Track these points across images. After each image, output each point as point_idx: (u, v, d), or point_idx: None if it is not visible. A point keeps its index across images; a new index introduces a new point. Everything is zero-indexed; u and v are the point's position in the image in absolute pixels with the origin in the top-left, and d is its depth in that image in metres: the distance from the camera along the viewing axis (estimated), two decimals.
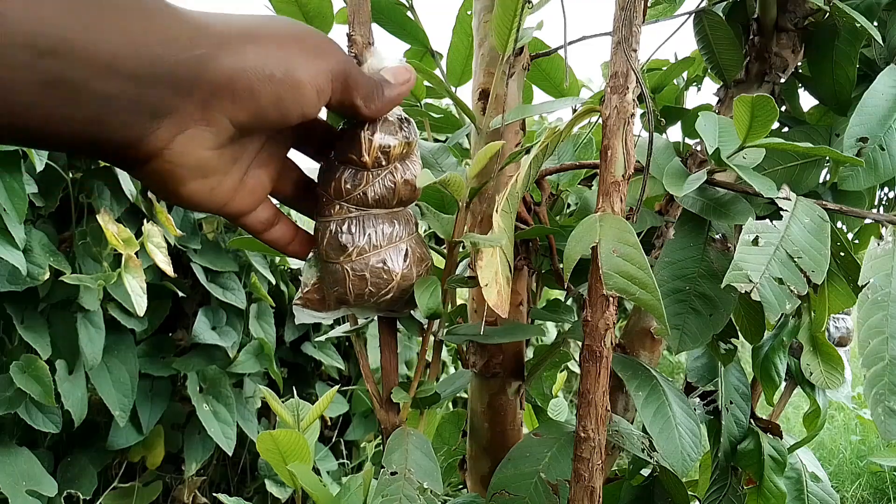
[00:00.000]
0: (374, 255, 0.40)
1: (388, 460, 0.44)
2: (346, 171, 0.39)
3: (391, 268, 0.40)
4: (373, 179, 0.39)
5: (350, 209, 0.40)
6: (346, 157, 0.39)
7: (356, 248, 0.40)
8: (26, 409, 1.21)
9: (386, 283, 0.41)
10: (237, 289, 1.63)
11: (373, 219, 0.40)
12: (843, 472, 2.68)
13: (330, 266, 0.41)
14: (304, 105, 0.32)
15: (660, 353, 0.70)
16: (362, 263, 0.40)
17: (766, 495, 0.68)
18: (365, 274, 0.40)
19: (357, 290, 0.40)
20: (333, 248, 0.40)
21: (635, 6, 0.44)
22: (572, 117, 0.50)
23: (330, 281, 0.41)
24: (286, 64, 0.31)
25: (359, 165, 0.39)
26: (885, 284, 0.47)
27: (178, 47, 0.28)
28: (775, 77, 0.65)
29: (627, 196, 0.45)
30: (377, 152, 0.38)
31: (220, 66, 0.29)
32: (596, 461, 0.44)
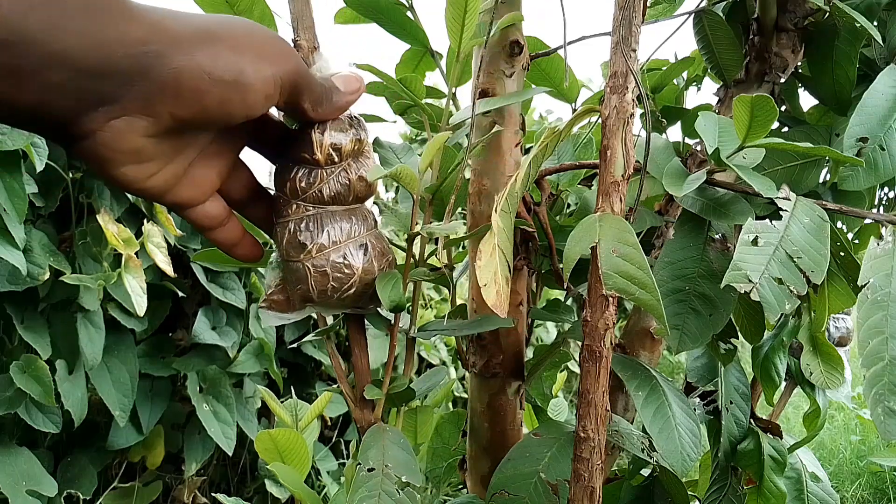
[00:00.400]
0: (333, 251, 0.41)
1: (365, 457, 0.44)
2: (301, 170, 0.40)
3: (352, 263, 0.41)
4: (327, 177, 0.40)
5: (307, 207, 0.40)
6: (300, 157, 0.40)
7: (315, 244, 0.40)
8: (26, 409, 1.21)
9: (348, 277, 0.41)
10: (237, 289, 1.63)
11: (330, 216, 0.41)
12: (843, 472, 2.68)
13: (291, 265, 0.41)
14: (249, 107, 0.33)
15: (660, 353, 0.70)
16: (323, 260, 0.40)
17: (766, 495, 0.68)
18: (326, 270, 0.41)
19: (320, 287, 0.41)
20: (293, 247, 0.40)
21: (635, 6, 0.44)
22: (572, 117, 0.50)
23: (292, 280, 0.42)
24: (235, 66, 0.32)
25: (312, 164, 0.40)
26: (885, 284, 0.47)
27: (129, 44, 0.29)
28: (775, 77, 0.65)
29: (627, 196, 0.45)
30: (329, 150, 0.39)
31: (167, 65, 0.30)
32: (596, 461, 0.44)
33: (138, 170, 0.33)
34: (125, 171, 0.33)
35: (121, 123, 0.30)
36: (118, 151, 0.31)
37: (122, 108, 0.30)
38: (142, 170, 0.33)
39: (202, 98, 0.31)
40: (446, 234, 0.43)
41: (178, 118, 0.31)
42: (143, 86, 0.30)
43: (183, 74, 0.30)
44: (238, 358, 1.62)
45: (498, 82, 0.63)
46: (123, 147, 0.31)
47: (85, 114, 0.30)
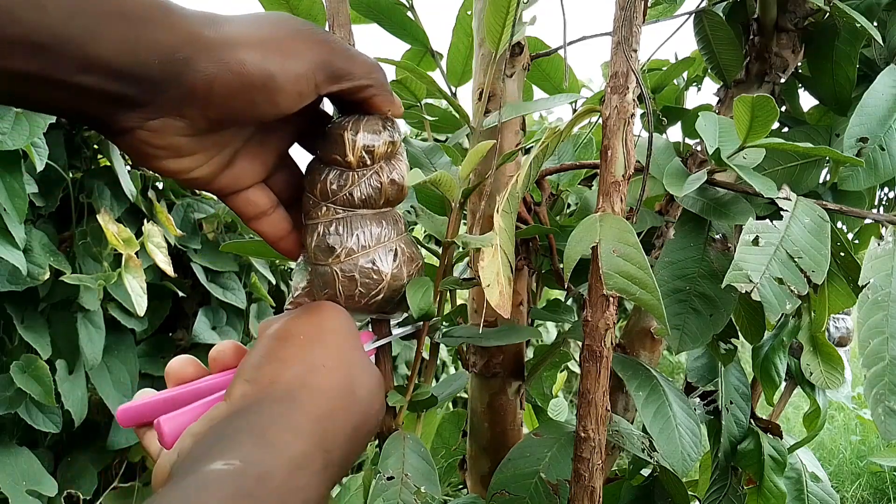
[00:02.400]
0: (362, 255, 0.40)
1: (385, 465, 0.44)
2: (332, 171, 0.39)
3: (381, 268, 0.40)
4: (358, 180, 0.39)
5: (337, 210, 0.39)
6: (331, 158, 0.39)
7: (344, 248, 0.39)
8: (26, 409, 1.21)
9: (376, 283, 0.40)
10: (237, 289, 1.63)
11: (360, 219, 0.40)
12: (843, 472, 2.68)
13: (319, 268, 0.40)
14: (279, 107, 0.34)
15: (660, 353, 0.70)
16: (351, 264, 0.39)
17: (766, 495, 0.68)
18: (354, 275, 0.40)
19: (347, 292, 0.40)
20: (322, 250, 0.40)
21: (635, 6, 0.44)
22: (572, 117, 0.50)
23: (319, 284, 0.41)
24: (264, 69, 0.32)
25: (343, 166, 0.39)
26: (886, 284, 0.47)
27: (162, 51, 0.30)
28: (775, 77, 0.65)
29: (627, 196, 0.45)
30: (361, 152, 0.38)
31: (197, 70, 0.31)
32: (596, 461, 0.44)
33: (180, 163, 0.34)
34: (167, 164, 0.34)
35: (157, 123, 0.31)
36: (157, 147, 0.32)
37: (155, 110, 0.31)
38: (184, 163, 0.34)
39: (232, 101, 0.32)
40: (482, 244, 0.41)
41: (211, 120, 0.32)
42: (175, 91, 0.31)
43: (212, 79, 0.31)
44: None
45: (498, 82, 0.63)
46: (162, 144, 0.32)
47: (122, 113, 0.31)
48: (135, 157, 0.33)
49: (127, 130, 0.31)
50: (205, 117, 0.32)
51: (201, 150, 0.34)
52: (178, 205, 1.56)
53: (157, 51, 0.29)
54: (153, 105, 0.31)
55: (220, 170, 0.36)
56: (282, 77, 0.33)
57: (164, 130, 0.32)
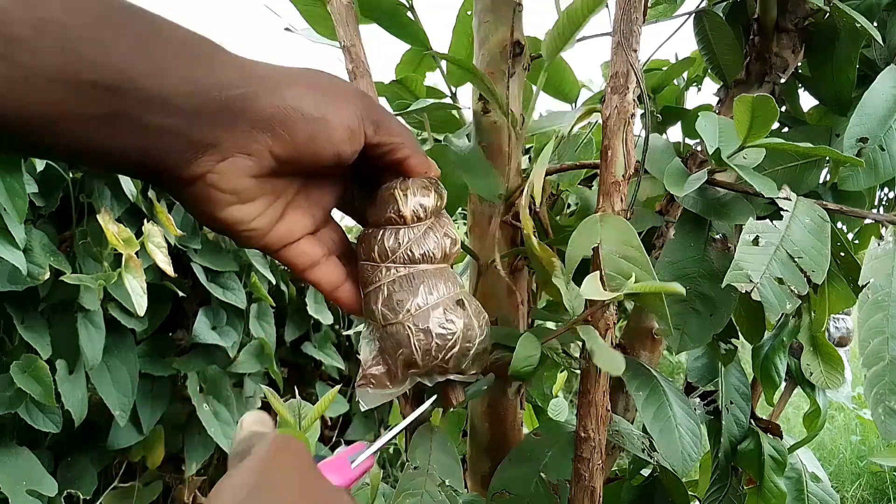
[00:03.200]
0: (433, 308, 0.39)
1: (413, 456, 0.45)
2: (387, 231, 0.40)
3: (453, 318, 0.39)
4: (415, 236, 0.39)
5: (398, 268, 0.39)
6: (385, 218, 0.39)
7: (413, 303, 0.39)
8: (26, 409, 1.21)
9: (451, 334, 0.39)
10: (237, 289, 1.63)
11: (422, 274, 0.40)
12: (843, 472, 2.68)
13: (390, 329, 0.39)
14: (336, 143, 0.35)
15: (660, 353, 0.70)
16: (423, 317, 0.39)
17: (766, 495, 0.68)
18: (429, 327, 0.39)
19: (424, 347, 0.39)
20: (390, 308, 0.39)
21: (636, 7, 0.44)
22: (575, 118, 0.50)
23: (392, 346, 0.39)
24: (318, 106, 0.34)
25: (398, 223, 0.39)
26: (886, 285, 0.47)
27: (223, 87, 0.31)
28: (775, 77, 0.65)
29: (628, 196, 0.45)
30: (415, 206, 0.39)
31: (261, 105, 0.32)
32: (596, 461, 0.44)
33: (242, 210, 0.35)
34: (231, 212, 0.34)
35: (226, 165, 0.32)
36: (225, 192, 0.33)
37: (226, 149, 0.32)
38: (246, 210, 0.35)
39: (294, 134, 0.33)
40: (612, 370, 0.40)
41: (276, 156, 0.33)
42: (242, 127, 0.32)
43: (276, 113, 0.32)
44: (238, 358, 1.62)
45: (499, 83, 0.63)
46: (230, 188, 0.33)
47: (193, 160, 0.31)
48: (202, 205, 0.33)
49: (197, 177, 0.32)
50: (271, 153, 0.33)
51: (262, 195, 0.35)
52: (178, 205, 1.55)
53: (218, 87, 0.30)
54: (222, 144, 0.31)
55: (274, 221, 0.37)
56: (335, 113, 0.34)
57: (233, 172, 0.32)
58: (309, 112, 0.33)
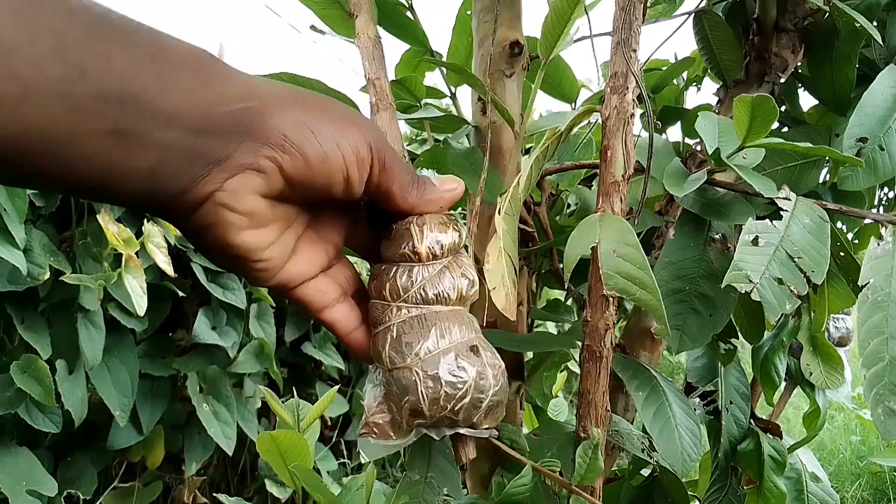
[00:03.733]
0: (444, 353, 0.36)
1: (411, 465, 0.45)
2: (400, 268, 0.37)
3: (465, 366, 0.36)
4: (429, 275, 0.37)
5: (410, 309, 0.37)
6: (399, 254, 0.37)
7: (423, 346, 0.36)
8: (26, 409, 1.21)
9: (462, 382, 0.36)
10: (237, 289, 1.63)
11: (435, 316, 0.37)
12: (843, 472, 2.68)
13: (397, 373, 0.36)
14: (348, 165, 0.33)
15: (660, 353, 0.70)
16: (433, 363, 0.36)
17: (766, 495, 0.68)
18: (438, 373, 0.36)
19: (432, 395, 0.36)
20: (398, 352, 0.36)
21: (635, 6, 0.44)
22: (572, 117, 0.50)
23: (398, 393, 0.37)
24: (330, 127, 0.32)
25: (413, 260, 0.37)
26: (885, 285, 0.47)
27: (230, 101, 0.30)
28: (775, 77, 0.65)
29: (628, 196, 0.45)
30: (431, 242, 0.37)
31: (270, 120, 0.30)
32: None
33: (256, 236, 0.33)
34: (245, 238, 0.32)
35: (236, 182, 0.30)
36: (237, 213, 0.31)
37: (235, 165, 0.30)
38: (260, 236, 0.33)
39: (307, 152, 0.31)
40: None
41: (287, 175, 0.31)
42: (252, 142, 0.30)
43: (285, 129, 0.31)
44: (238, 358, 1.62)
45: (498, 83, 0.63)
46: (241, 208, 0.31)
47: (201, 177, 0.30)
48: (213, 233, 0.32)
49: (206, 197, 0.30)
50: (281, 172, 0.31)
51: (274, 221, 0.33)
52: None
53: (224, 100, 0.29)
54: (231, 159, 0.30)
55: (288, 253, 0.35)
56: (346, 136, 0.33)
57: (242, 190, 0.31)
58: (321, 130, 0.32)
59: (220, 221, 0.31)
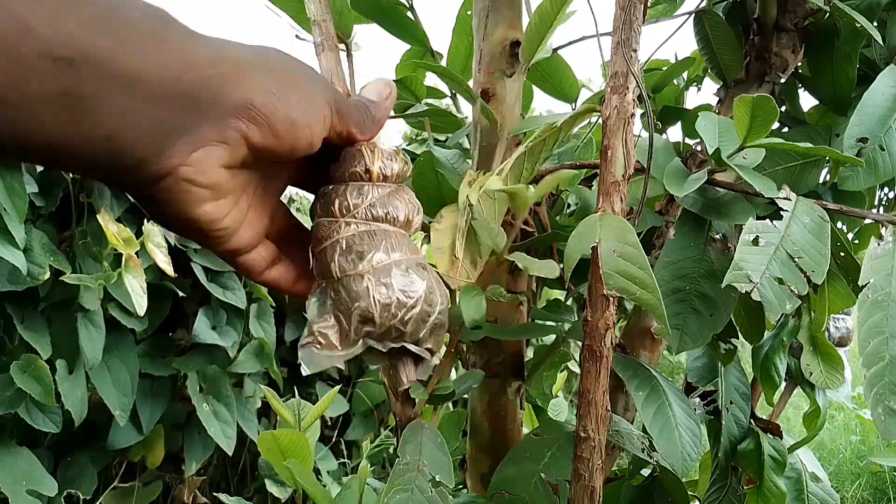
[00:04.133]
0: (395, 264, 0.36)
1: (403, 451, 0.45)
2: (350, 186, 0.37)
3: (415, 279, 0.36)
4: (379, 195, 0.37)
5: (359, 224, 0.37)
6: (350, 172, 0.37)
7: (375, 256, 0.36)
8: (26, 409, 1.21)
9: (414, 293, 0.36)
10: (237, 288, 1.63)
11: (384, 233, 0.37)
12: (843, 472, 2.68)
13: (347, 281, 0.36)
14: (313, 130, 0.33)
15: (660, 353, 0.70)
16: (385, 271, 0.36)
17: (766, 495, 0.68)
18: (391, 281, 0.36)
19: (384, 300, 0.35)
20: (349, 260, 0.36)
21: (635, 6, 0.44)
22: (571, 116, 0.50)
23: (348, 300, 0.36)
24: (296, 94, 0.31)
25: (363, 179, 0.37)
26: (885, 284, 0.47)
27: (196, 67, 0.28)
28: (775, 77, 0.65)
29: (628, 196, 0.45)
30: (382, 162, 0.37)
31: (239, 88, 0.29)
32: (596, 461, 0.44)
33: (216, 207, 0.32)
34: (206, 210, 0.31)
35: (201, 154, 0.29)
36: (200, 186, 0.30)
37: (200, 137, 0.29)
38: (219, 207, 0.32)
39: (275, 120, 0.30)
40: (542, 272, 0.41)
41: (252, 144, 0.31)
42: (217, 111, 0.29)
43: (254, 97, 0.30)
44: (238, 358, 1.62)
45: (498, 82, 0.63)
46: (205, 181, 0.30)
47: (164, 148, 0.28)
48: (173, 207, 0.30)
49: (169, 171, 0.29)
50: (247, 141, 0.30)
51: (232, 191, 0.32)
52: None
53: (190, 66, 0.28)
54: (196, 130, 0.29)
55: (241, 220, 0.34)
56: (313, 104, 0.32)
57: (207, 162, 0.29)
58: (289, 98, 0.31)
59: (181, 196, 0.30)
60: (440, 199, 0.64)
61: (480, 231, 0.45)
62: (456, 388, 0.53)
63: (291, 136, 0.32)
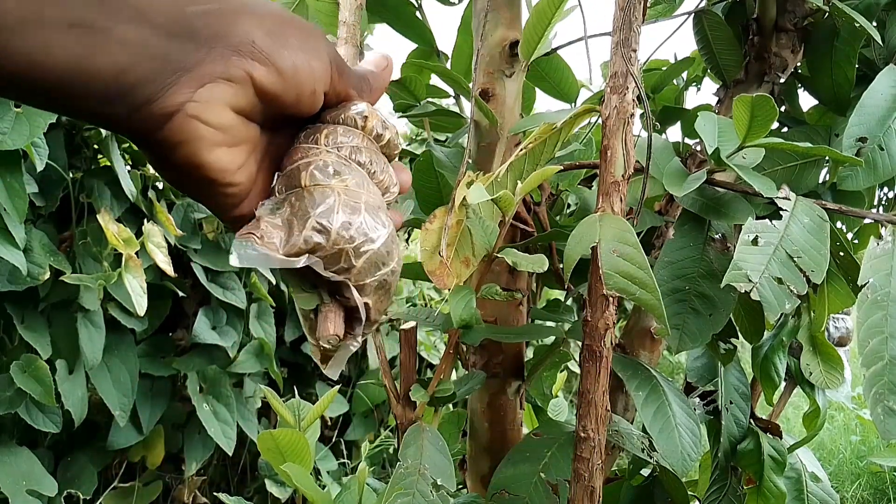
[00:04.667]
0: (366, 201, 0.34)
1: (404, 455, 0.45)
2: (342, 128, 0.35)
3: (384, 221, 0.34)
4: (367, 145, 0.36)
5: (340, 158, 0.34)
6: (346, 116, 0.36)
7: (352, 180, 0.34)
8: (26, 409, 1.21)
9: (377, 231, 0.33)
10: (237, 288, 1.63)
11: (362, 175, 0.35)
12: (843, 472, 2.68)
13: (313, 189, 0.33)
14: (315, 77, 0.32)
15: (660, 353, 0.70)
16: (356, 196, 0.33)
17: (765, 495, 0.68)
18: (359, 206, 0.33)
19: (346, 220, 0.32)
20: (324, 173, 0.33)
21: (635, 6, 0.44)
22: (570, 116, 0.50)
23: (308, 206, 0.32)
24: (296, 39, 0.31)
25: (356, 126, 0.35)
26: (885, 284, 0.47)
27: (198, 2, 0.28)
28: (775, 77, 0.65)
29: (627, 196, 0.45)
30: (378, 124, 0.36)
31: (240, 27, 0.29)
32: (596, 461, 0.44)
33: (229, 154, 0.31)
34: (219, 156, 0.30)
35: (207, 92, 0.29)
36: (210, 126, 0.29)
37: (206, 73, 0.28)
38: (232, 155, 0.31)
39: (279, 62, 0.30)
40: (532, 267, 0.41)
41: (259, 87, 0.30)
42: (222, 49, 0.29)
43: (256, 37, 0.29)
44: (238, 358, 1.62)
45: (497, 82, 0.63)
46: (214, 120, 0.29)
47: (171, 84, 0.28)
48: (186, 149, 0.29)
49: (177, 109, 0.28)
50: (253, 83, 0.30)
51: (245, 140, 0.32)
52: (178, 205, 1.56)
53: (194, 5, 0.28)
54: (202, 66, 0.28)
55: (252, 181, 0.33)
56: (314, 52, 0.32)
57: (214, 101, 0.29)
58: (289, 42, 0.31)
59: (192, 136, 0.29)
60: (440, 199, 0.64)
61: (474, 230, 0.45)
62: (457, 390, 0.53)
63: (295, 82, 0.31)
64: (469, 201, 0.41)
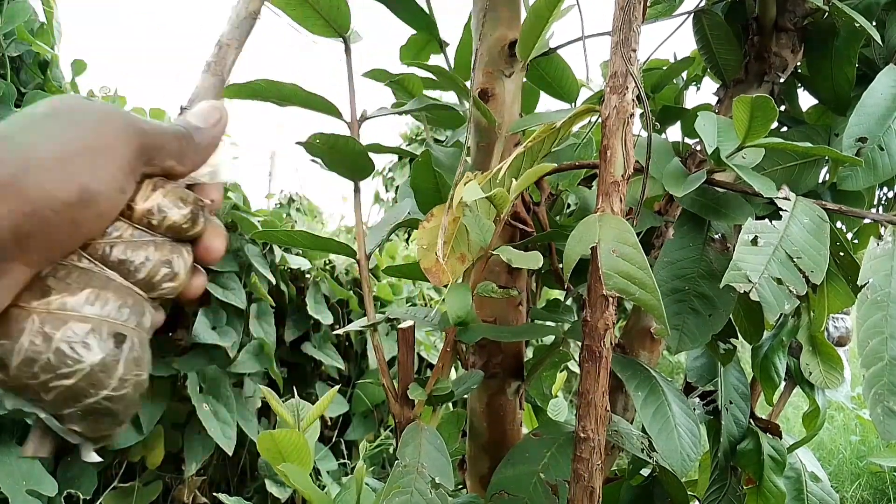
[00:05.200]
0: (79, 319, 0.29)
1: (402, 453, 0.45)
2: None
3: (93, 346, 0.29)
4: (128, 238, 0.31)
5: (83, 259, 0.30)
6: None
7: (62, 299, 0.29)
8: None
9: (76, 362, 0.29)
10: (237, 288, 1.63)
11: (104, 281, 0.30)
12: (843, 472, 2.68)
13: (11, 310, 0.28)
14: (113, 208, 0.29)
15: (659, 353, 0.70)
16: (58, 321, 0.29)
17: (765, 495, 0.68)
18: (57, 335, 0.28)
19: (30, 354, 0.28)
20: (31, 290, 0.29)
21: (635, 6, 0.44)
22: (570, 115, 0.50)
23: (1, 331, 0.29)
24: (76, 182, 0.26)
25: (123, 214, 0.31)
26: (885, 284, 0.47)
27: None
28: (774, 77, 0.65)
29: (627, 196, 0.45)
30: (154, 207, 0.31)
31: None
32: (595, 461, 0.44)
33: None
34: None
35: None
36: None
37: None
38: None
39: (51, 235, 0.26)
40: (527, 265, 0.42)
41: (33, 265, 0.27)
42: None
43: (17, 224, 0.25)
44: (238, 358, 1.62)
45: (497, 82, 0.63)
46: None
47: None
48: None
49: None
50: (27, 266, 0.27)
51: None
52: None
53: None
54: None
55: None
56: (101, 182, 0.27)
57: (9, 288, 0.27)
58: (65, 199, 0.26)
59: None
60: (438, 199, 0.64)
61: (471, 227, 0.45)
62: (455, 389, 0.53)
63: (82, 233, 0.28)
64: (464, 199, 0.41)
